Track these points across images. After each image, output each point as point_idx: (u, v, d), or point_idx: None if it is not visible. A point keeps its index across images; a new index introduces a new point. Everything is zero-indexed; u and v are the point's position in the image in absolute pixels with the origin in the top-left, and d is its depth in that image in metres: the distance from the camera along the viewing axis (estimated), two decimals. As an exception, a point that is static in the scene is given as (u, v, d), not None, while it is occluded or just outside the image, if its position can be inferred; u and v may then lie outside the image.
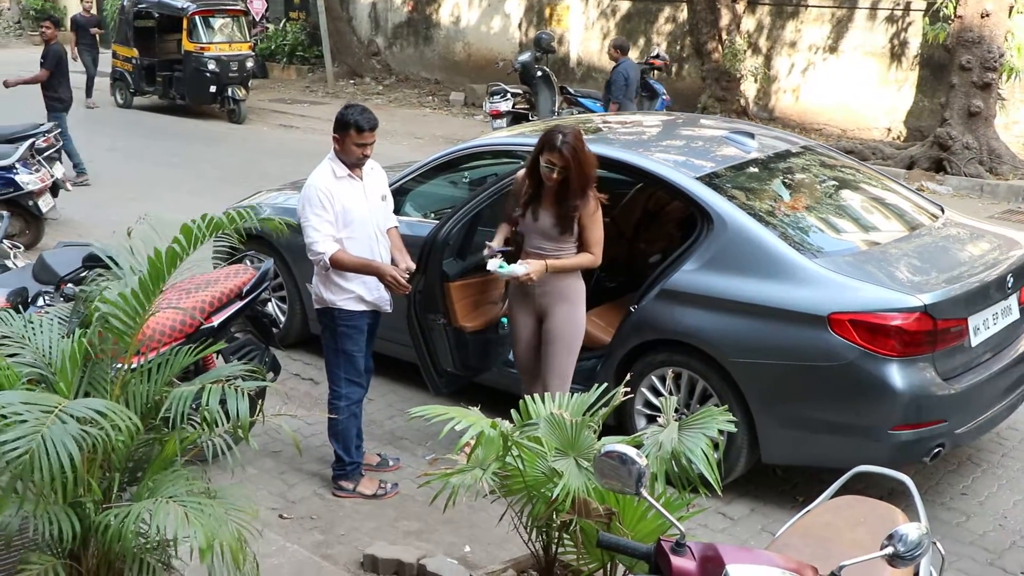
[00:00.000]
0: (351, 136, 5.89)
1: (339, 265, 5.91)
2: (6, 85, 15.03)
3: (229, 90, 20.72)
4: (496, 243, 6.09)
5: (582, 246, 5.99)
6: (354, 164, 6.01)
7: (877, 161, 15.40)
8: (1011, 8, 15.34)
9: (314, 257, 5.93)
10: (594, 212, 5.93)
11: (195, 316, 6.20)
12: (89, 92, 21.55)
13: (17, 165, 11.01)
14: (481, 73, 23.19)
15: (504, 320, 6.46)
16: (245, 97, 21.00)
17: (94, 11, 21.89)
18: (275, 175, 12.89)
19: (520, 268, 5.88)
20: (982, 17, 14.92)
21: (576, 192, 5.82)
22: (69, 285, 6.31)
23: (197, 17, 20.96)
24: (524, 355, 6.25)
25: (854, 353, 5.71)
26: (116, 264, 4.58)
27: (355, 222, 5.98)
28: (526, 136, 7.53)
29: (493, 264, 5.95)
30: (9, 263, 7.68)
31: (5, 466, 3.81)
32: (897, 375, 5.70)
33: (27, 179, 11.01)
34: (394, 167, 9.35)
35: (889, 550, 2.99)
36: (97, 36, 21.86)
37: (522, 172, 6.07)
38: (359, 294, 6.07)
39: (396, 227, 6.36)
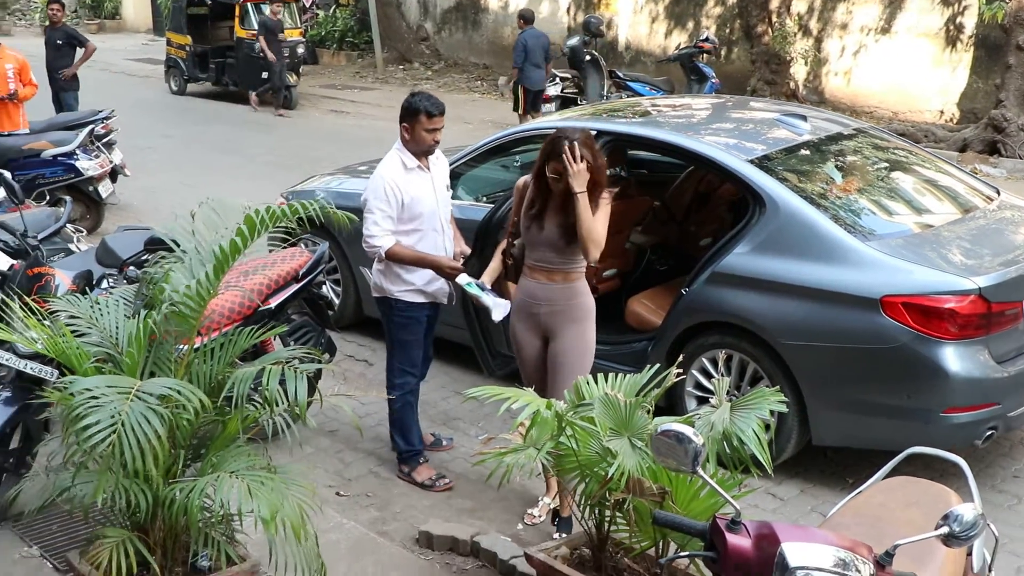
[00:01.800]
0: (421, 122, 5.78)
1: (395, 259, 5.87)
2: (66, 77, 15.17)
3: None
4: (488, 273, 5.82)
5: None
6: (424, 152, 5.90)
7: (929, 144, 15.18)
8: (1071, -14, 15.02)
9: (370, 249, 5.90)
10: (602, 213, 5.31)
11: (253, 298, 6.28)
12: (278, 104, 20.45)
13: (78, 151, 11.11)
14: (530, 58, 23.13)
15: (473, 284, 5.79)
16: (296, 83, 21.07)
17: (279, 15, 20.87)
18: (327, 160, 12.98)
19: (500, 309, 5.63)
20: (1041, -5, 14.66)
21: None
22: (131, 268, 6.40)
23: (249, 4, 21.10)
24: (530, 375, 5.63)
25: (907, 336, 5.67)
26: (179, 247, 4.66)
27: (423, 215, 5.91)
28: (575, 120, 7.53)
29: (463, 279, 5.76)
30: (73, 247, 7.79)
31: (92, 447, 3.90)
32: (950, 358, 5.67)
33: (87, 165, 11.11)
34: (445, 152, 9.41)
35: (944, 530, 2.97)
36: (282, 39, 20.45)
37: (522, 180, 5.67)
38: (419, 287, 6.00)
39: (451, 212, 6.29)
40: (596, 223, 5.22)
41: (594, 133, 7.06)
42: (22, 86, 11.66)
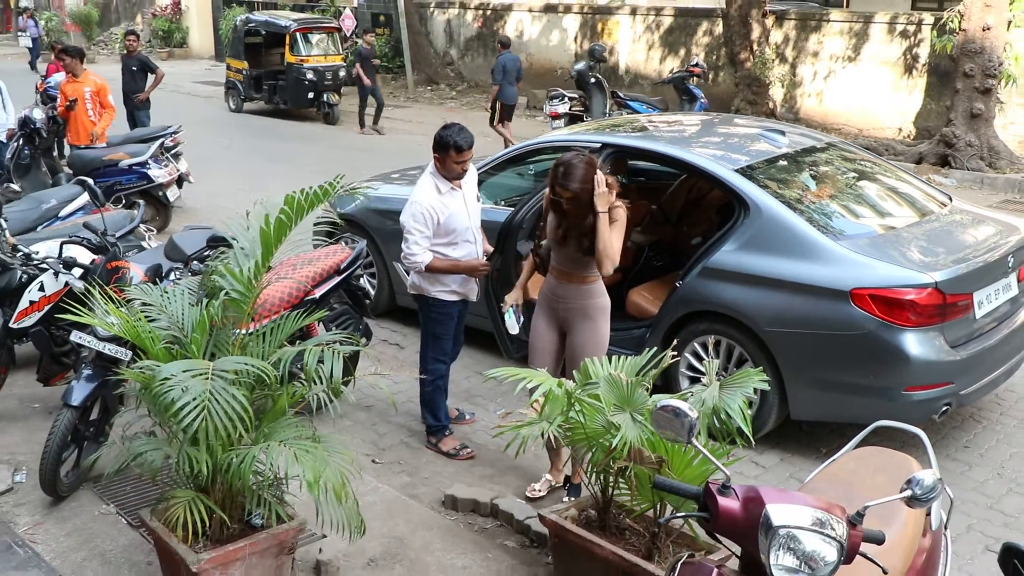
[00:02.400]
0: (451, 156, 5.68)
1: (434, 270, 5.83)
2: (140, 101, 15.20)
3: (324, 96, 20.89)
4: (514, 297, 5.78)
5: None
6: (455, 178, 5.81)
7: (889, 157, 15.12)
8: (1009, 22, 15.17)
9: (411, 265, 5.84)
10: (618, 227, 5.10)
11: (305, 286, 6.27)
12: (376, 119, 19.89)
13: (149, 161, 11.14)
14: (541, 80, 23.06)
15: (510, 312, 5.77)
16: (338, 102, 21.13)
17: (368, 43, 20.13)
18: (364, 169, 12.92)
19: (514, 328, 5.74)
20: (983, 30, 14.70)
21: (592, 219, 5.07)
22: (195, 262, 6.39)
23: (298, 34, 21.25)
24: (541, 362, 5.38)
25: (873, 324, 5.64)
26: (236, 243, 4.64)
27: (458, 229, 5.85)
28: (581, 134, 7.49)
29: (508, 309, 5.76)
30: (145, 244, 7.79)
31: (185, 425, 3.91)
32: (910, 343, 5.63)
33: (158, 173, 11.15)
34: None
35: (907, 493, 2.95)
36: (375, 66, 20.09)
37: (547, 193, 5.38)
38: (453, 288, 5.98)
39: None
40: (613, 240, 5.04)
41: (599, 144, 7.07)
42: (99, 107, 11.67)
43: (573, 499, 5.12)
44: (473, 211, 5.99)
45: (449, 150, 5.67)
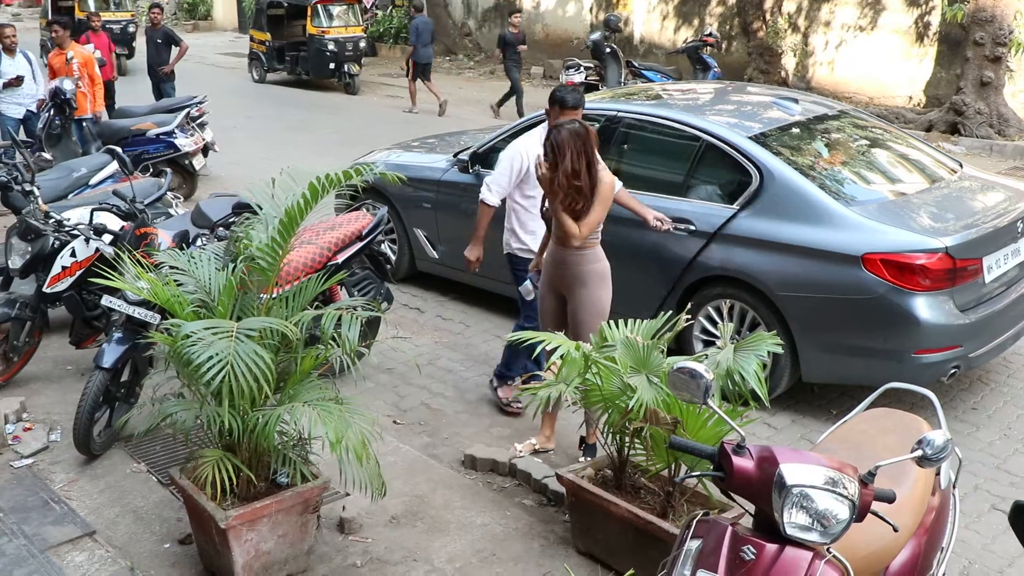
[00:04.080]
0: (554, 111, 5.54)
1: (480, 213, 5.93)
2: (165, 73, 15.20)
3: (345, 67, 20.79)
4: (532, 264, 5.72)
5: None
6: None
7: (899, 125, 15.00)
8: (1020, -9, 14.92)
9: (481, 196, 5.91)
10: (604, 193, 5.02)
11: (328, 251, 6.26)
12: (520, 111, 16.66)
13: (176, 131, 11.15)
14: (558, 50, 22.92)
15: (528, 278, 5.76)
16: (358, 72, 21.02)
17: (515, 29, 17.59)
18: (384, 137, 12.89)
19: (528, 294, 5.74)
20: (994, -1, 14.50)
21: (579, 189, 4.98)
22: (221, 228, 6.39)
23: (319, 5, 21.13)
24: (547, 324, 5.39)
25: (883, 288, 5.59)
26: (261, 210, 4.63)
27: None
28: (596, 103, 7.42)
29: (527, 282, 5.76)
30: (172, 211, 7.80)
31: (209, 380, 3.91)
32: (921, 307, 5.59)
33: (184, 142, 11.16)
34: (485, 130, 9.33)
35: (918, 453, 2.93)
36: (522, 53, 17.62)
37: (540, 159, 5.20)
38: (531, 247, 5.84)
39: (621, 189, 5.64)
40: (564, 220, 4.97)
41: (614, 113, 7.01)
42: (90, 81, 11.63)
43: (589, 459, 5.12)
44: None
45: (555, 105, 5.58)
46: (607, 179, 5.06)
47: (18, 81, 11.29)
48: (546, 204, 5.31)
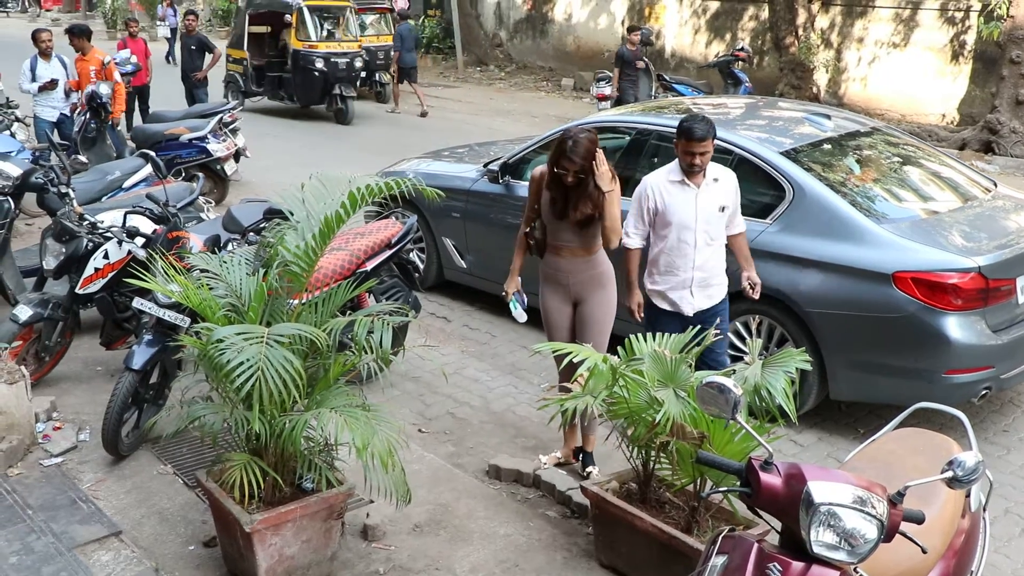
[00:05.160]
0: (681, 143, 5.10)
1: (623, 260, 5.43)
2: (198, 79, 15.36)
3: (376, 75, 20.84)
4: (514, 284, 5.56)
5: (602, 231, 5.14)
6: (687, 171, 5.18)
7: (932, 143, 14.90)
8: (1058, 7, 14.75)
9: (622, 242, 5.31)
10: (613, 195, 5.04)
11: (358, 258, 6.28)
12: None
13: (209, 136, 11.22)
14: (589, 62, 22.97)
15: (514, 300, 5.59)
16: (389, 82, 21.07)
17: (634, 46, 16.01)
18: (415, 146, 12.93)
19: (520, 316, 5.59)
20: (1032, 17, 14.40)
21: (594, 192, 5.02)
22: (252, 234, 6.43)
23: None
24: (560, 337, 5.31)
25: (914, 306, 5.55)
26: (292, 216, 4.65)
27: (672, 224, 5.24)
28: (626, 115, 7.41)
29: (513, 300, 5.59)
30: (203, 215, 7.86)
31: (239, 385, 3.93)
32: (952, 327, 5.54)
33: (216, 147, 11.22)
34: (515, 141, 9.35)
35: (949, 474, 2.90)
36: (640, 69, 16.15)
37: (538, 170, 5.28)
38: (661, 289, 5.39)
39: (742, 233, 5.51)
40: (617, 215, 5.05)
41: (645, 126, 7.00)
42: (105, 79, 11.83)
43: (589, 467, 5.07)
44: (705, 216, 5.23)
45: (680, 137, 5.11)
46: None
47: (52, 85, 11.48)
48: (536, 223, 5.33)
